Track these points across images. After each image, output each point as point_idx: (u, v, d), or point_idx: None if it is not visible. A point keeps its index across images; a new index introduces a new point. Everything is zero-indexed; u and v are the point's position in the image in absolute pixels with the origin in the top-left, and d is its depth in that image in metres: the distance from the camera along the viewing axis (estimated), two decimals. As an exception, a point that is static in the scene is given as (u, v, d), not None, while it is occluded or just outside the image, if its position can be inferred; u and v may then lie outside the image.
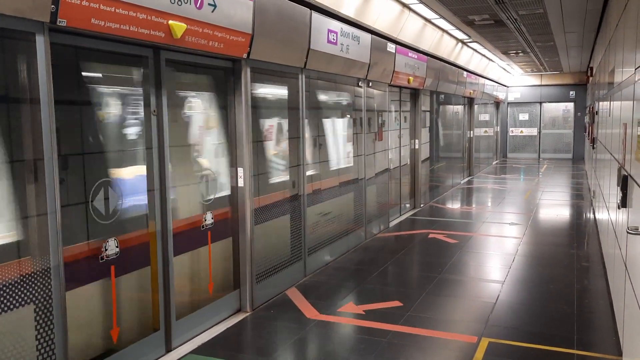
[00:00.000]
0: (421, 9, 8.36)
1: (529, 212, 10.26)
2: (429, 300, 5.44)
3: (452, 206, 11.43)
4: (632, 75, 3.89)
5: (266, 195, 5.51)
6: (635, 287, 3.44)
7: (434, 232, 8.58)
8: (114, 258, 3.77)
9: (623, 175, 3.95)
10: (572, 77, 20.95)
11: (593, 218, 9.55)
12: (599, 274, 6.25)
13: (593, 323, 4.89)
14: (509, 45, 12.89)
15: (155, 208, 4.17)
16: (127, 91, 4.09)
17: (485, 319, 4.94)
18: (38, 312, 3.13)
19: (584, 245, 7.67)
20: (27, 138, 3.09)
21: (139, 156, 4.11)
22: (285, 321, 4.94)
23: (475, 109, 16.50)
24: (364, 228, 7.94)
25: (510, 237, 8.28)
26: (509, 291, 5.72)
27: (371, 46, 7.46)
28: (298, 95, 6.08)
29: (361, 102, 7.84)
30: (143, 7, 3.56)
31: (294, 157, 6.07)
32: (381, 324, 4.80)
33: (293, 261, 5.97)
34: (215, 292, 4.96)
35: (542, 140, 22.20)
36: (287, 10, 5.36)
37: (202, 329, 4.69)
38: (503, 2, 7.98)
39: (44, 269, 3.13)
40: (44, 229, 3.13)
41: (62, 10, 3.04)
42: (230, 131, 5.09)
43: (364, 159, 7.93)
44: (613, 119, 5.84)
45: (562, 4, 8.21)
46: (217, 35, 4.36)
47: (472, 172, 16.36)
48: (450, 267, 6.56)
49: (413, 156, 10.85)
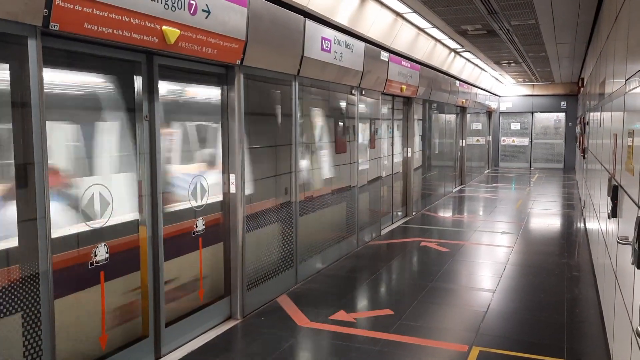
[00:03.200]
0: (415, 18, 8.41)
1: (520, 221, 10.30)
2: (420, 308, 5.43)
3: (444, 214, 11.45)
4: (623, 86, 3.92)
5: (258, 202, 5.50)
6: (624, 297, 3.45)
7: (425, 240, 8.59)
8: (103, 264, 3.74)
9: (613, 186, 3.98)
10: (563, 87, 21.13)
11: (584, 227, 9.60)
12: (590, 284, 6.27)
13: (583, 332, 4.90)
14: (501, 55, 13.00)
15: (145, 214, 4.15)
16: (119, 96, 4.08)
17: (476, 327, 4.94)
18: (26, 318, 3.10)
19: (574, 255, 7.71)
20: (17, 142, 3.07)
21: (130, 161, 4.09)
22: (276, 329, 4.91)
23: (468, 118, 16.59)
24: (355, 235, 7.93)
25: (502, 246, 8.30)
26: (500, 300, 5.73)
27: (364, 54, 7.49)
28: (291, 102, 6.09)
29: (354, 109, 7.85)
30: (137, 12, 3.56)
31: (286, 164, 6.07)
32: (372, 332, 4.79)
33: (284, 268, 5.95)
34: (206, 299, 4.93)
35: (533, 149, 22.34)
36: (281, 18, 5.38)
37: (192, 336, 4.66)
38: (496, 13, 8.04)
39: (32, 275, 3.10)
40: (33, 235, 3.10)
41: (54, 15, 3.03)
42: (222, 137, 5.08)
43: (356, 166, 7.94)
44: (604, 129, 5.89)
45: (554, 15, 8.29)
46: (211, 41, 4.36)
47: (464, 181, 16.42)
48: (442, 276, 6.57)
49: (405, 164, 10.88)
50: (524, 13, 8.09)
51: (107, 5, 3.33)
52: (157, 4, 3.72)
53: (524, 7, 7.71)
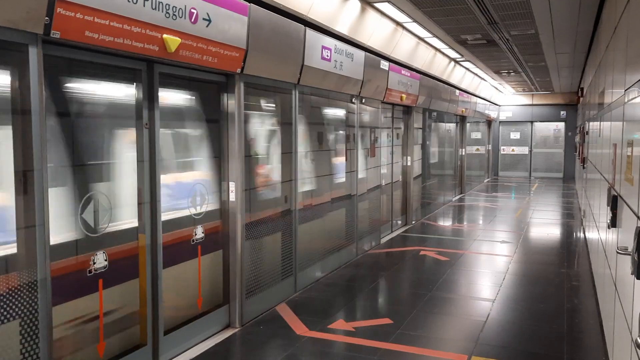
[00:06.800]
0: (415, 28, 8.45)
1: (520, 231, 10.29)
2: (419, 317, 5.41)
3: (444, 223, 11.44)
4: (622, 96, 3.93)
5: (257, 210, 5.49)
6: (624, 307, 3.44)
7: (425, 249, 8.58)
8: (102, 271, 3.74)
9: (613, 195, 3.97)
10: (562, 97, 21.18)
11: (583, 237, 9.58)
12: (589, 294, 6.25)
13: (583, 343, 4.88)
14: (500, 64, 13.04)
15: (145, 221, 4.14)
16: (119, 103, 4.09)
17: (476, 337, 4.92)
18: (24, 325, 3.08)
19: (574, 265, 7.69)
20: (17, 149, 3.07)
21: (130, 168, 4.09)
22: (275, 337, 4.89)
23: (467, 127, 16.61)
24: (355, 244, 7.92)
25: (501, 255, 8.29)
26: (500, 310, 5.71)
27: (365, 63, 7.51)
28: (291, 111, 6.10)
29: (354, 118, 7.87)
30: (138, 20, 3.57)
31: (286, 172, 6.07)
32: (371, 342, 4.77)
33: (284, 276, 5.93)
34: (205, 307, 4.91)
35: (533, 159, 22.35)
36: (281, 27, 5.40)
37: (190, 344, 4.64)
38: (495, 23, 8.08)
39: (30, 282, 3.09)
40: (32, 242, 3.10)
41: (56, 23, 3.04)
42: (222, 145, 5.09)
43: (356, 174, 7.94)
44: (603, 139, 5.90)
45: (553, 25, 8.33)
46: (211, 49, 4.37)
47: (464, 190, 16.41)
48: (441, 285, 6.55)
49: (405, 173, 10.88)
50: (524, 23, 8.13)
51: (109, 13, 3.34)
52: (158, 13, 3.74)
53: (523, 18, 7.75)
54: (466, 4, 6.93)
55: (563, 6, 7.15)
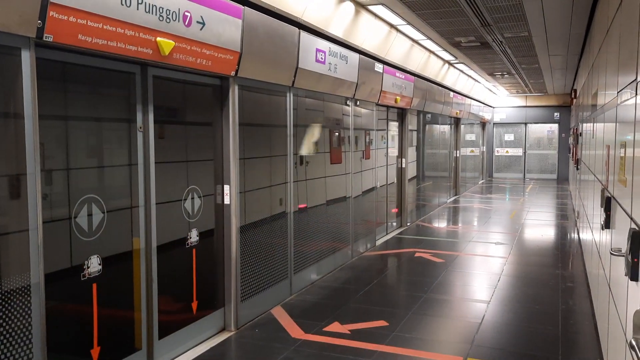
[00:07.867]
0: (409, 30, 8.47)
1: (515, 232, 10.32)
2: (414, 320, 5.41)
3: (439, 225, 11.46)
4: (615, 98, 3.95)
5: (252, 213, 5.48)
6: (618, 308, 3.45)
7: (420, 251, 8.58)
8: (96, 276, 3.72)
9: (606, 197, 3.99)
10: (556, 98, 21.28)
11: (577, 238, 9.62)
12: (584, 295, 6.27)
13: (578, 344, 4.89)
14: (494, 66, 13.09)
15: (140, 225, 4.13)
16: (113, 107, 4.07)
17: (471, 339, 4.93)
18: (17, 330, 3.06)
19: (568, 266, 7.72)
20: (10, 152, 3.05)
21: (123, 172, 4.07)
22: (270, 341, 4.88)
23: (462, 129, 16.66)
24: (350, 246, 7.92)
25: (496, 256, 8.31)
26: (495, 311, 5.72)
27: (359, 66, 7.52)
28: (286, 113, 6.10)
29: (349, 120, 7.87)
30: (131, 23, 3.57)
31: (281, 175, 6.06)
32: (367, 344, 4.77)
33: (279, 279, 5.92)
34: (199, 311, 4.90)
35: (527, 160, 22.44)
36: (275, 29, 5.40)
37: (185, 348, 4.62)
38: (489, 25, 8.11)
39: (23, 287, 3.07)
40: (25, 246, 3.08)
41: (48, 26, 3.03)
42: (216, 148, 5.08)
43: (351, 177, 7.95)
44: (596, 140, 5.93)
45: (546, 27, 8.37)
46: (206, 52, 4.37)
47: (459, 192, 16.45)
48: (436, 287, 6.56)
49: (400, 175, 10.90)
50: (517, 25, 8.17)
51: (102, 16, 3.33)
52: (152, 16, 3.73)
53: (517, 20, 7.78)
54: (460, 6, 6.95)
55: (556, 8, 7.18)
